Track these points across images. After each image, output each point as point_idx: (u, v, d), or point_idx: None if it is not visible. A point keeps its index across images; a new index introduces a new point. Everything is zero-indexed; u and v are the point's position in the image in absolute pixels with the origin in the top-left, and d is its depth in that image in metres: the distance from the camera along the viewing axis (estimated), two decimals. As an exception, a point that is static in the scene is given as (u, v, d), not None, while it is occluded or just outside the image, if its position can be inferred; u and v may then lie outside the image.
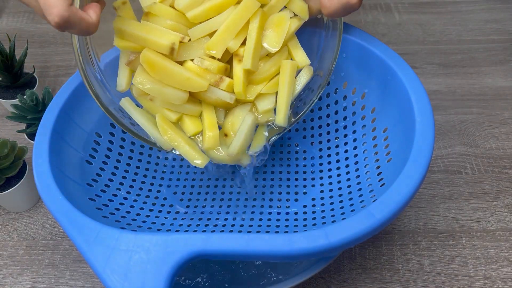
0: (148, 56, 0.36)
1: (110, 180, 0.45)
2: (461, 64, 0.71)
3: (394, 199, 0.32)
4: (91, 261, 0.30)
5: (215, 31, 0.36)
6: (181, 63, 0.37)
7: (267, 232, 0.45)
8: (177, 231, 0.45)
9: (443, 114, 0.64)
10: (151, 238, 0.30)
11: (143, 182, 0.49)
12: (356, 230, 0.30)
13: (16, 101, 0.59)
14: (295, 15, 0.39)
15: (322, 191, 0.48)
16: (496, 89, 0.67)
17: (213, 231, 0.46)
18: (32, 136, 0.54)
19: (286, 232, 0.42)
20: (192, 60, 0.37)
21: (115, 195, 0.45)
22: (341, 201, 0.44)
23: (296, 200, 0.49)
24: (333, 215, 0.41)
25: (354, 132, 0.47)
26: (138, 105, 0.41)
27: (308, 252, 0.30)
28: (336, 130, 0.49)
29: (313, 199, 0.48)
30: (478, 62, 0.71)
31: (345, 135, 0.49)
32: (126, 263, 0.29)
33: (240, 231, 0.45)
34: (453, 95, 0.67)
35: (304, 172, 0.51)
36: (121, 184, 0.46)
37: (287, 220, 0.46)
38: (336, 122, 0.49)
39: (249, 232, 0.45)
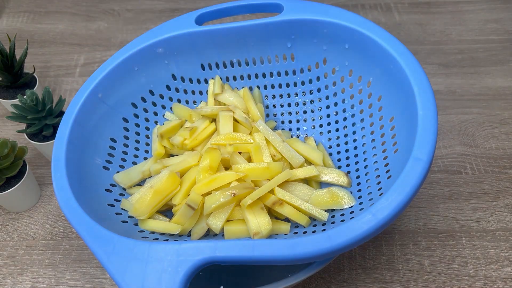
0: None
1: None
2: (461, 64, 0.71)
3: (395, 199, 0.32)
4: (111, 272, 0.31)
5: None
6: None
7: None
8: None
9: (443, 114, 0.64)
10: (163, 248, 0.32)
11: None
12: (358, 232, 0.31)
13: (16, 101, 0.59)
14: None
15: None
16: (496, 89, 0.67)
17: None
18: (32, 136, 0.54)
19: (297, 226, 0.42)
20: None
21: None
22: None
23: None
24: (342, 214, 0.41)
25: (362, 120, 0.47)
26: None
27: (312, 255, 0.31)
28: (344, 119, 0.49)
29: None
30: (478, 62, 0.71)
31: (353, 124, 0.48)
32: (142, 273, 0.31)
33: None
34: (453, 95, 0.67)
35: None
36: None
37: None
38: (344, 110, 0.49)
39: None
